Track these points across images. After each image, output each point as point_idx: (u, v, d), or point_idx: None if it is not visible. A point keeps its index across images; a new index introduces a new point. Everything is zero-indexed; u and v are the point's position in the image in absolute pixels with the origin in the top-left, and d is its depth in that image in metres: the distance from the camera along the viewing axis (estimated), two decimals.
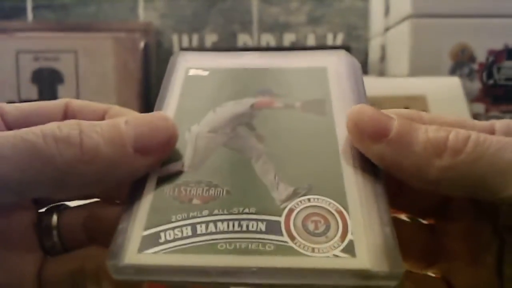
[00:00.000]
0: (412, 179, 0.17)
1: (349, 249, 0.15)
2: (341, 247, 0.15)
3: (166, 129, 0.18)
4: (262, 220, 0.16)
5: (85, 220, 0.22)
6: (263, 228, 0.15)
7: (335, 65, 0.22)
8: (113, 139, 0.17)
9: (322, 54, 0.23)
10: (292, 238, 0.15)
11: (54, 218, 0.21)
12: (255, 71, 0.22)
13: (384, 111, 0.18)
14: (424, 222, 0.22)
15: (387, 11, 0.78)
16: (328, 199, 0.16)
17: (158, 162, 0.18)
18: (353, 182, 0.17)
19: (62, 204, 0.22)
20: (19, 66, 0.82)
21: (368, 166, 0.17)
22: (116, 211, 0.19)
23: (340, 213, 0.16)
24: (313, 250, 0.15)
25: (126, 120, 0.18)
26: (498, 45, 0.65)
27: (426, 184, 0.17)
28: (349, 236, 0.15)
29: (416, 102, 0.58)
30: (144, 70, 0.84)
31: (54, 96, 0.83)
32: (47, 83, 0.83)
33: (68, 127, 0.17)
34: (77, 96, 0.83)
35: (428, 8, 0.66)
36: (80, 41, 0.83)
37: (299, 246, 0.15)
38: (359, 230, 0.15)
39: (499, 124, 0.19)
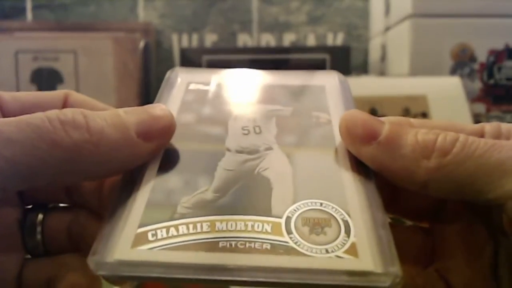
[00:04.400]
0: (401, 181, 0.17)
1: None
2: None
3: (165, 117, 0.19)
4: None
5: (70, 223, 0.21)
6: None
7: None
8: (116, 123, 0.17)
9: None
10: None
11: (40, 217, 0.21)
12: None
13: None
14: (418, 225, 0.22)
15: (387, 11, 0.78)
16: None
17: (159, 149, 0.19)
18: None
19: (49, 204, 0.22)
20: (19, 66, 0.82)
21: (361, 169, 0.18)
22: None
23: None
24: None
25: (125, 110, 0.18)
26: (499, 45, 0.65)
27: (415, 185, 0.17)
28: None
29: (417, 102, 0.58)
30: (143, 70, 0.84)
31: None
32: (46, 83, 0.82)
33: (71, 112, 0.17)
34: None
35: (429, 8, 0.66)
36: (80, 41, 0.83)
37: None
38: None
39: (489, 127, 0.19)
